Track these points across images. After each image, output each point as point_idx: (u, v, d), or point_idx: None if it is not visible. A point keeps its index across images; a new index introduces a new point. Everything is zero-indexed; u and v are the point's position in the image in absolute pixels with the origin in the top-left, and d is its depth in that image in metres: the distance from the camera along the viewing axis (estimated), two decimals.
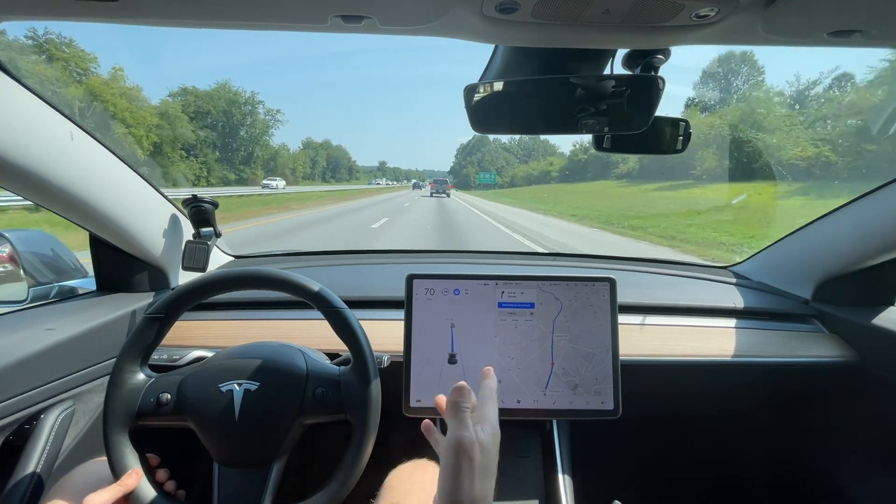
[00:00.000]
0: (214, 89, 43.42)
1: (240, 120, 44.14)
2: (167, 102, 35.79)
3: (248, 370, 0.70)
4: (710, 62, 35.50)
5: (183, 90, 41.11)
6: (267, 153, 48.90)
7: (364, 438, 0.68)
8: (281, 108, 78.57)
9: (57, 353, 0.80)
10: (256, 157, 45.74)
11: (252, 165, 44.86)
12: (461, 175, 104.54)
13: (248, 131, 45.52)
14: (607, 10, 0.50)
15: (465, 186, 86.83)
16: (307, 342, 0.85)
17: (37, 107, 0.71)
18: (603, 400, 0.83)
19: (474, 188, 62.64)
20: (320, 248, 1.31)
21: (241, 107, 44.71)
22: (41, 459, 0.76)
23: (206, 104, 41.67)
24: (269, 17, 0.54)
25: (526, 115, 0.73)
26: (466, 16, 0.52)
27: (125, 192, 0.91)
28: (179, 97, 39.95)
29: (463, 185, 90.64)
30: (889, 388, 0.96)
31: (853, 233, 0.99)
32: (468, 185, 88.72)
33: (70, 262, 1.08)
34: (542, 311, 0.84)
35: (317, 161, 78.40)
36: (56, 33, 27.44)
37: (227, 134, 43.19)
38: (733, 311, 1.11)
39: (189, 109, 38.39)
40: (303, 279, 0.73)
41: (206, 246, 1.06)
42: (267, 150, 48.70)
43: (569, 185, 43.59)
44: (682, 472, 1.33)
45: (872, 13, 0.51)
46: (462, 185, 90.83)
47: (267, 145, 48.19)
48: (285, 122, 50.77)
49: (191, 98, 40.65)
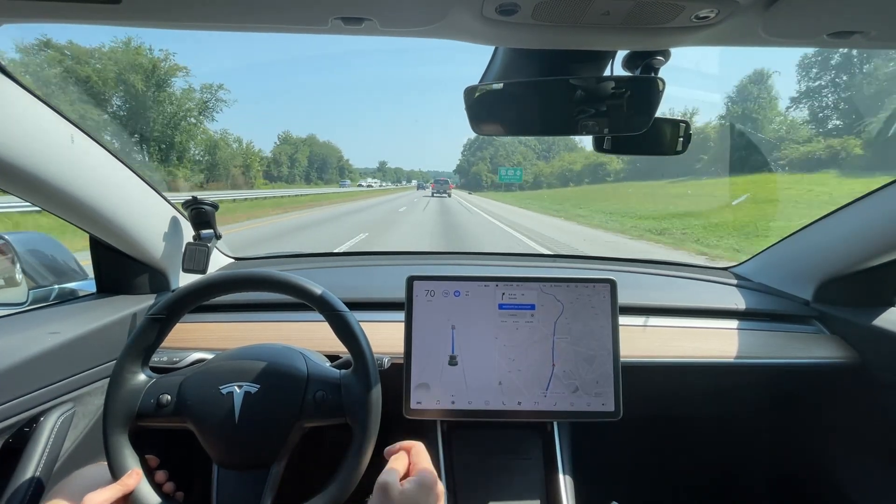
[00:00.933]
0: (105, 49, 27.10)
1: (144, 93, 27.82)
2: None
3: (248, 372, 0.70)
4: None
5: (44, 44, 24.25)
6: (199, 144, 32.97)
7: (364, 443, 0.68)
8: (227, 86, 58.89)
9: (57, 355, 0.80)
10: (182, 152, 30.50)
11: (177, 163, 29.77)
12: (470, 174, 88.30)
13: (164, 113, 29.29)
14: (607, 12, 0.50)
15: (475, 187, 69.78)
16: (307, 344, 0.85)
17: (37, 109, 0.71)
18: (604, 401, 0.83)
19: (489, 189, 47.30)
20: None
21: (150, 75, 28.21)
22: (41, 462, 0.76)
23: (84, 69, 25.92)
24: (270, 19, 0.54)
25: (526, 116, 0.73)
26: (466, 18, 0.52)
27: (125, 194, 0.91)
28: (38, 54, 24.12)
29: (473, 186, 72.86)
30: (890, 389, 0.96)
31: (854, 233, 0.99)
32: (478, 186, 72.56)
33: (70, 264, 1.09)
34: (542, 313, 0.84)
35: (296, 159, 64.75)
36: None
37: (130, 115, 28.01)
38: (734, 312, 1.11)
39: (49, 73, 23.81)
40: (305, 281, 0.73)
41: (207, 248, 1.06)
42: (197, 141, 32.52)
43: (644, 182, 30.17)
44: (682, 474, 1.33)
45: (873, 14, 0.51)
46: (472, 186, 73.23)
47: (193, 132, 31.44)
48: (232, 102, 33.73)
49: (56, 56, 24.80)
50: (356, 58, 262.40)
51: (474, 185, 76.03)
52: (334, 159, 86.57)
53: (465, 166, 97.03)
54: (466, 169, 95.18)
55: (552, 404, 0.83)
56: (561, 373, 0.82)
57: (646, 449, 1.32)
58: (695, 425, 1.30)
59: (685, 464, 1.33)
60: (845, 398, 1.06)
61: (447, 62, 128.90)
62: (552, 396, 0.83)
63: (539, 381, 0.83)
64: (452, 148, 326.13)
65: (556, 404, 0.83)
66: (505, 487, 0.85)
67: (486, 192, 44.86)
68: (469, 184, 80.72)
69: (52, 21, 0.55)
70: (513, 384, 0.83)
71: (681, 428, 1.30)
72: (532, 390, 0.83)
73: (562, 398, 0.83)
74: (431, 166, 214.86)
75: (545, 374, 0.83)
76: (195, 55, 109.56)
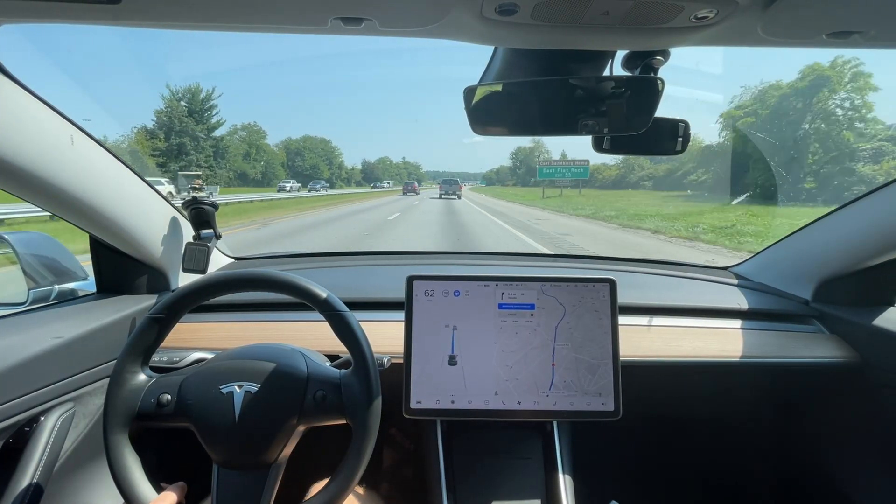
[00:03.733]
0: None
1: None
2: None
3: (248, 372, 0.70)
4: None
5: None
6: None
7: (363, 443, 0.68)
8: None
9: (57, 355, 0.80)
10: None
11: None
12: (519, 174, 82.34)
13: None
14: (607, 12, 0.50)
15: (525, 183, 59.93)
16: (307, 343, 0.85)
17: (38, 109, 0.71)
18: (603, 401, 0.83)
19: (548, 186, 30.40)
20: None
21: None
22: (41, 462, 0.76)
23: None
24: (270, 19, 0.54)
25: (526, 116, 0.73)
26: (466, 18, 0.52)
27: (125, 195, 0.91)
28: None
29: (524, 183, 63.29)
30: (890, 388, 0.96)
31: (853, 233, 0.99)
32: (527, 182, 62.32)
33: (70, 264, 1.08)
34: (543, 315, 0.84)
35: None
36: None
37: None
38: (734, 311, 1.11)
39: None
40: (305, 281, 0.73)
41: (207, 248, 1.06)
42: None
43: None
44: (682, 473, 1.33)
45: (871, 14, 0.51)
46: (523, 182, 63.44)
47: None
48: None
49: None
50: (355, 58, 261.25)
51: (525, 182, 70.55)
52: (322, 157, 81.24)
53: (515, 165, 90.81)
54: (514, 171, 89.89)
55: (552, 404, 0.83)
56: (562, 383, 0.83)
57: (646, 449, 1.32)
58: (694, 425, 1.30)
59: (685, 463, 1.33)
60: (845, 397, 1.06)
61: (447, 63, 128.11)
62: (552, 396, 0.83)
63: (539, 380, 0.83)
64: (456, 150, 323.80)
65: (556, 404, 0.83)
66: (504, 487, 0.85)
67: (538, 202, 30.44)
68: (522, 180, 75.23)
69: (53, 21, 0.55)
70: (513, 383, 0.83)
71: (680, 427, 1.30)
72: (532, 390, 0.83)
73: (562, 398, 0.83)
74: (463, 168, 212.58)
75: (546, 372, 0.83)
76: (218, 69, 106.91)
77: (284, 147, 70.39)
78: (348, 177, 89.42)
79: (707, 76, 18.30)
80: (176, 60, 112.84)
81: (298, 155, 71.02)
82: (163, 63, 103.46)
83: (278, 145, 68.53)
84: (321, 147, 78.08)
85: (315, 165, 71.61)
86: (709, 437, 1.31)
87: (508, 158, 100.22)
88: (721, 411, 1.25)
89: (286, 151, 68.77)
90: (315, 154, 74.79)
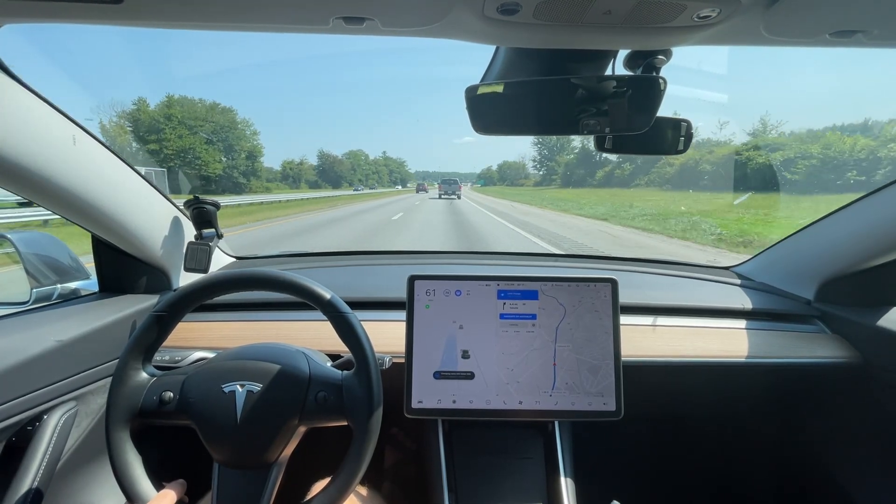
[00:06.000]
0: None
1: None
2: None
3: (250, 371, 0.70)
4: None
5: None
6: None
7: (364, 444, 0.68)
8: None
9: (60, 354, 0.80)
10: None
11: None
12: (547, 167, 77.75)
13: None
14: (609, 11, 0.50)
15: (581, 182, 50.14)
16: (308, 343, 0.85)
17: (40, 109, 0.71)
18: (605, 401, 0.83)
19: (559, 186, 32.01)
20: None
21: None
22: (44, 460, 0.77)
23: None
24: (271, 18, 0.54)
25: (527, 115, 0.73)
26: (468, 17, 0.52)
27: (127, 194, 0.92)
28: None
29: (578, 182, 51.74)
30: (892, 388, 0.96)
31: (856, 233, 0.98)
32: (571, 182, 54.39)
33: (72, 264, 1.09)
34: (544, 317, 0.84)
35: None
36: None
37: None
38: (736, 311, 1.11)
39: None
40: (306, 281, 0.73)
41: (208, 247, 1.06)
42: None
43: None
44: (684, 473, 1.33)
45: (874, 13, 0.51)
46: (577, 181, 52.27)
47: None
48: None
49: None
50: (354, 58, 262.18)
51: (580, 181, 61.75)
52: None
53: (545, 160, 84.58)
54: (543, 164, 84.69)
55: (553, 404, 0.83)
56: (563, 384, 0.83)
57: (647, 448, 1.32)
58: (696, 425, 1.30)
59: (687, 463, 1.32)
60: (847, 398, 1.06)
61: (448, 63, 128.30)
62: (554, 396, 0.83)
63: (541, 380, 0.83)
64: (456, 149, 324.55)
65: (557, 404, 0.83)
66: (506, 487, 0.85)
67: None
68: (568, 180, 67.65)
69: (53, 21, 0.55)
70: (514, 383, 0.83)
71: (682, 427, 1.30)
72: (533, 389, 0.83)
73: (563, 398, 0.83)
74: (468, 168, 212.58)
75: (547, 372, 0.83)
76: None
77: None
78: (296, 175, 73.82)
79: (710, 76, 17.98)
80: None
81: None
82: None
83: None
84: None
85: None
86: (710, 437, 1.31)
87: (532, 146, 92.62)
88: (722, 411, 1.25)
89: None
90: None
